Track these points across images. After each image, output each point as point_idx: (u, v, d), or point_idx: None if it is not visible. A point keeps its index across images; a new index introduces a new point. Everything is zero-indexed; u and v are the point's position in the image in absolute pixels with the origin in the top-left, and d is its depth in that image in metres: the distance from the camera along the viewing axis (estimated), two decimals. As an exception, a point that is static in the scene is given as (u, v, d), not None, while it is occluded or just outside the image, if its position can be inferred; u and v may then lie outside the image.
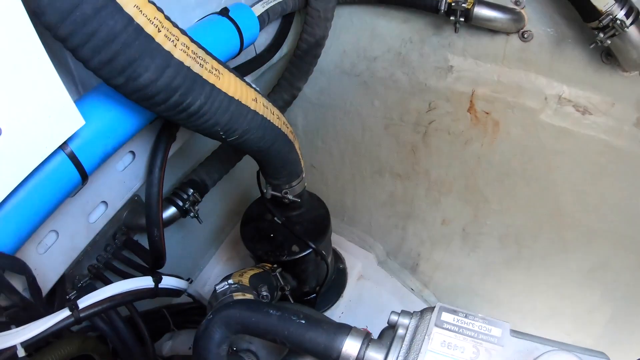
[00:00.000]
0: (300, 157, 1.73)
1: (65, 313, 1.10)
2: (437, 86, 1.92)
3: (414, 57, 1.94)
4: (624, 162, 1.66)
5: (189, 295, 1.61)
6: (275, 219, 1.97)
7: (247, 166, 2.01)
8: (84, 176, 1.15)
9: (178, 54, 1.00)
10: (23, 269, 0.98)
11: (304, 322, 0.94)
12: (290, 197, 1.82)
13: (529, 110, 1.74)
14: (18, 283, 1.03)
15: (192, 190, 1.80)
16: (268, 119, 1.40)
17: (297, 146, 1.66)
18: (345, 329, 0.95)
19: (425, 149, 2.14)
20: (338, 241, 2.64)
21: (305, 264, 2.03)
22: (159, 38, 0.95)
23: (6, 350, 0.94)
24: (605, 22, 1.38)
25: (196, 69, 1.06)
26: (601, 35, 1.41)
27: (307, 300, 2.28)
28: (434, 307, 0.94)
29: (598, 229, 1.86)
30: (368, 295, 2.51)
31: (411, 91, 2.00)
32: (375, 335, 1.00)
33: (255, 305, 1.01)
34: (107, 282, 1.62)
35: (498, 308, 2.34)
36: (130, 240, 1.78)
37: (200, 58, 1.08)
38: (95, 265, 1.67)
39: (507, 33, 1.69)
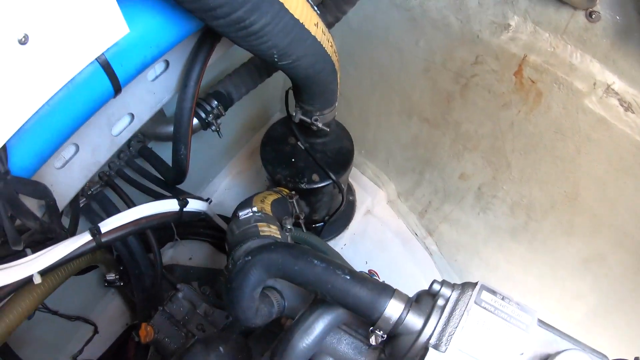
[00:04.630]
0: (338, 87, 1.64)
1: (86, 237, 1.04)
2: (489, 41, 1.79)
3: (472, 5, 1.78)
4: (650, 168, 1.63)
5: (206, 215, 1.58)
6: (299, 143, 1.91)
7: (271, 80, 1.88)
8: (117, 88, 1.04)
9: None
10: (44, 194, 0.90)
11: (348, 277, 0.93)
12: (319, 124, 1.74)
13: (575, 91, 1.67)
14: (34, 203, 0.96)
15: (216, 103, 1.69)
16: (324, 46, 1.31)
17: (338, 76, 1.57)
18: (390, 291, 0.95)
19: (461, 100, 2.03)
20: (352, 173, 2.60)
21: (322, 194, 2.00)
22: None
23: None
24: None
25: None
26: None
27: (314, 228, 2.28)
28: (476, 283, 0.95)
29: (606, 222, 1.86)
30: (372, 231, 2.52)
31: (461, 39, 1.87)
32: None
33: (299, 252, 0.99)
34: (118, 190, 1.58)
35: (494, 272, 2.37)
36: (146, 149, 1.71)
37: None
38: (107, 173, 1.61)
39: (575, 7, 1.57)
